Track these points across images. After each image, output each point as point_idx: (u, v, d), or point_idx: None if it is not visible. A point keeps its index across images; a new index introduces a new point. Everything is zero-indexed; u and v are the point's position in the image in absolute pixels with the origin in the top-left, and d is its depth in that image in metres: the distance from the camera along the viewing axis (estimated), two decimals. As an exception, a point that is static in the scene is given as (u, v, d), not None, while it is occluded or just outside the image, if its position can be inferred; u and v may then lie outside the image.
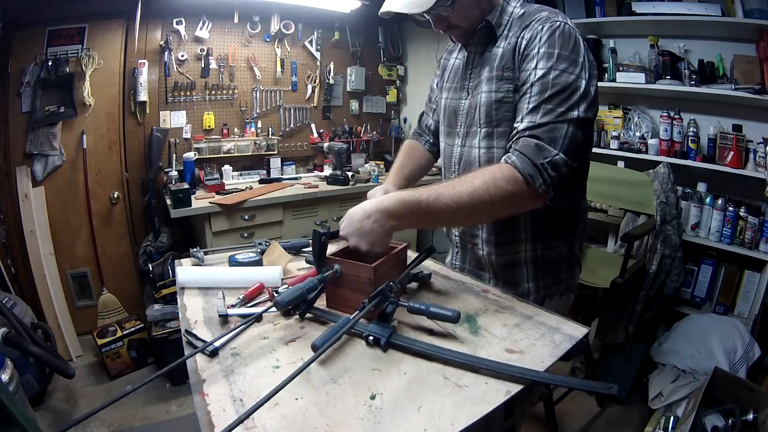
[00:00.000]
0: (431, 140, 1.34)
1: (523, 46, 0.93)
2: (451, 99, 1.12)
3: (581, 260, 1.15)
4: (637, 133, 2.33)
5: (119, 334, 2.28)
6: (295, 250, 1.29)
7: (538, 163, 0.84)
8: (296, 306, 0.87)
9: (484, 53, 1.02)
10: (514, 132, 0.90)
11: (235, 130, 2.87)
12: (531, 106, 0.88)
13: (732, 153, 1.99)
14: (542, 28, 0.91)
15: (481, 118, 1.01)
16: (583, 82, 0.87)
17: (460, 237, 1.19)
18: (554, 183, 0.85)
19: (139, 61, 2.48)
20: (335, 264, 0.90)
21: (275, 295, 0.96)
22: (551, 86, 0.86)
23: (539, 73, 0.88)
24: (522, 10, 0.99)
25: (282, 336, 0.83)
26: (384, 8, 0.98)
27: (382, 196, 0.94)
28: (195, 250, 1.22)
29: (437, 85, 1.25)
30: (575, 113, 0.86)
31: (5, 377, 1.37)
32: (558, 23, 0.90)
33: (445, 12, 0.96)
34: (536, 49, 0.90)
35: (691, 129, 2.14)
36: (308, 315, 0.89)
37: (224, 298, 0.96)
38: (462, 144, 1.09)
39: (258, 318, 0.88)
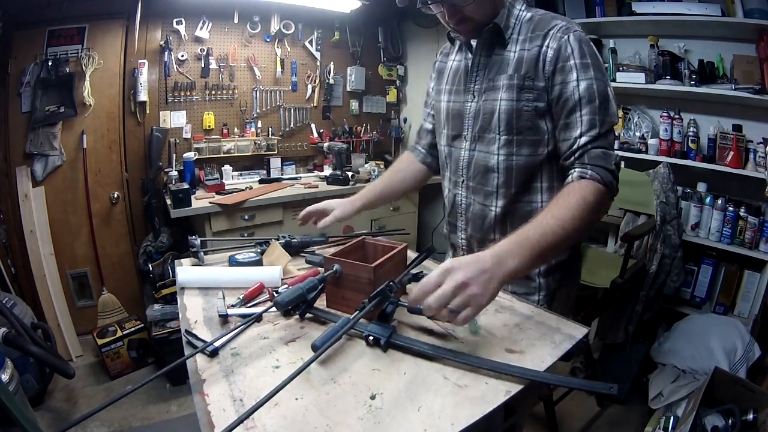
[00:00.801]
0: (426, 146, 1.33)
1: (549, 56, 0.94)
2: (453, 102, 1.11)
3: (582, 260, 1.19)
4: (637, 133, 2.33)
5: (119, 334, 2.28)
6: (294, 250, 1.29)
7: (611, 168, 0.90)
8: (296, 306, 0.87)
9: (492, 56, 1.02)
10: (575, 147, 0.93)
11: (235, 130, 2.87)
12: (586, 119, 0.92)
13: (732, 153, 1.99)
14: (567, 38, 0.93)
15: (500, 125, 1.01)
16: (610, 87, 0.94)
17: (467, 240, 1.16)
18: (619, 177, 0.93)
19: (139, 61, 2.48)
20: (335, 264, 0.90)
21: (275, 295, 0.96)
22: (597, 97, 0.91)
23: (583, 85, 0.91)
24: (529, 14, 1.00)
25: (282, 336, 0.83)
26: None
27: (496, 246, 0.79)
28: (193, 237, 1.21)
29: (433, 88, 1.23)
30: (615, 118, 0.94)
31: (5, 377, 1.37)
32: (578, 32, 0.94)
33: (462, 2, 0.94)
34: (571, 61, 0.92)
35: (691, 129, 2.14)
36: (308, 315, 0.89)
37: (224, 298, 0.96)
38: (471, 148, 1.08)
39: (258, 318, 0.88)
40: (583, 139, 0.92)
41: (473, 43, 1.06)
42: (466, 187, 1.11)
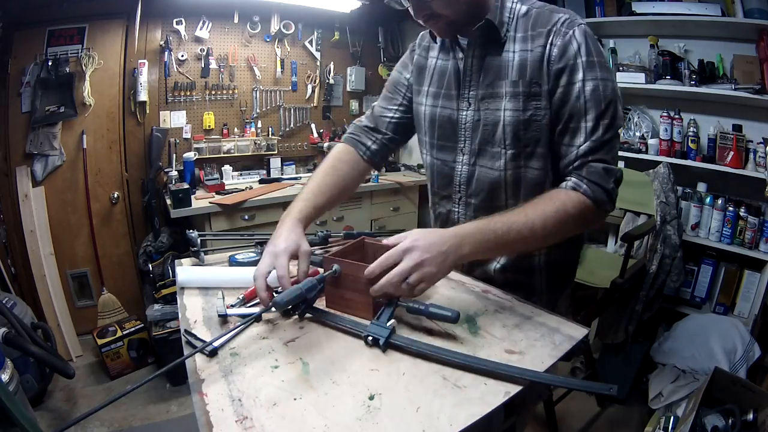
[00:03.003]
0: (384, 141, 1.15)
1: (554, 54, 0.86)
2: (441, 108, 1.01)
3: (581, 260, 1.22)
4: (637, 133, 2.33)
5: (119, 334, 2.28)
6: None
7: (608, 188, 0.85)
8: (295, 306, 0.87)
9: (486, 57, 0.93)
10: (576, 155, 0.86)
11: (235, 130, 2.87)
12: (590, 125, 0.85)
13: (732, 153, 1.99)
14: (573, 32, 0.85)
15: (506, 138, 0.93)
16: (617, 87, 0.87)
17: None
18: (617, 195, 0.87)
19: (139, 61, 2.48)
20: (335, 264, 0.90)
21: (275, 295, 0.95)
22: (603, 100, 0.84)
23: (589, 86, 0.84)
24: (524, 7, 0.91)
25: (281, 336, 0.83)
26: None
27: (461, 226, 0.84)
28: (191, 231, 1.19)
29: (409, 81, 1.12)
30: (621, 121, 0.88)
31: (5, 377, 1.37)
32: (583, 25, 0.86)
33: None
34: (578, 59, 0.85)
35: (691, 129, 2.14)
36: (307, 315, 0.89)
37: (224, 298, 0.96)
38: (472, 163, 0.99)
39: (257, 318, 0.88)
40: (585, 149, 0.85)
41: (463, 41, 0.97)
42: (465, 204, 1.04)
